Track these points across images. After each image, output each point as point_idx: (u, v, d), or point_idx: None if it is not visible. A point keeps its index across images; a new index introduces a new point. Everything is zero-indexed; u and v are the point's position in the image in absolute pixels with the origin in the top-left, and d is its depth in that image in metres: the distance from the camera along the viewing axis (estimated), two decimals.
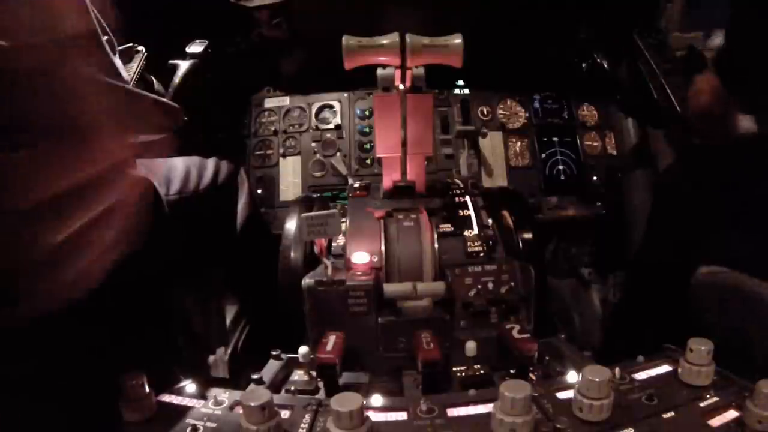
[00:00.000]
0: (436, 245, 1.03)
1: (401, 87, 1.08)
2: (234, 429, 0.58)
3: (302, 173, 1.81)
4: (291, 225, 1.13)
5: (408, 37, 1.00)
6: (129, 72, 1.09)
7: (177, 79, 1.34)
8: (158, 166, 1.04)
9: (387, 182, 1.19)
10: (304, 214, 0.95)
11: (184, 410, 0.65)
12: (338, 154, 1.81)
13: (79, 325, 0.72)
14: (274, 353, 0.99)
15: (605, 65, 1.67)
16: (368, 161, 1.81)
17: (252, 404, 0.55)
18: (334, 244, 1.07)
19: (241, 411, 0.57)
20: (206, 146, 1.57)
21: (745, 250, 0.96)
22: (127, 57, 1.11)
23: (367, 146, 1.82)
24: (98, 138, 0.55)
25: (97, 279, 0.58)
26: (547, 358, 0.94)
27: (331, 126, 1.84)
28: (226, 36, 1.62)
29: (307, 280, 0.95)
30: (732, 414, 0.60)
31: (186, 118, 1.11)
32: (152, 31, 1.20)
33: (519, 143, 1.88)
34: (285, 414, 0.62)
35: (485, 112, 1.88)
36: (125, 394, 0.62)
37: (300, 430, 0.60)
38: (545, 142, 1.89)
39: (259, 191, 1.78)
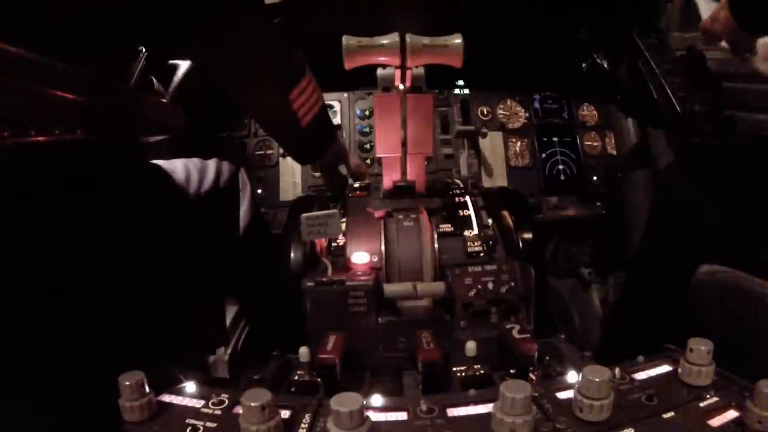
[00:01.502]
0: (436, 245, 1.03)
1: (401, 87, 1.08)
2: (234, 429, 0.58)
3: (302, 173, 1.81)
4: (291, 225, 1.13)
5: (408, 37, 1.00)
6: (129, 72, 1.09)
7: (177, 79, 1.34)
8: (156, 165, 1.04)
9: (387, 182, 1.19)
10: (304, 214, 0.95)
11: (184, 410, 0.64)
12: None
13: (78, 324, 0.72)
14: (274, 353, 0.99)
15: (605, 65, 1.67)
16: (368, 161, 1.81)
17: (252, 404, 0.55)
18: (334, 244, 1.07)
19: (241, 411, 0.57)
20: (207, 147, 1.57)
21: (746, 249, 0.96)
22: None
23: (367, 146, 1.82)
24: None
25: None
26: (547, 358, 0.94)
27: None
28: None
29: (307, 280, 0.95)
30: (732, 414, 0.60)
31: (186, 119, 1.11)
32: (152, 31, 1.20)
33: (519, 143, 1.88)
34: (285, 414, 0.62)
35: (485, 112, 1.88)
36: (125, 394, 0.62)
37: (300, 430, 0.60)
38: (545, 142, 1.89)
39: (259, 191, 1.78)
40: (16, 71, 0.61)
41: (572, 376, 0.71)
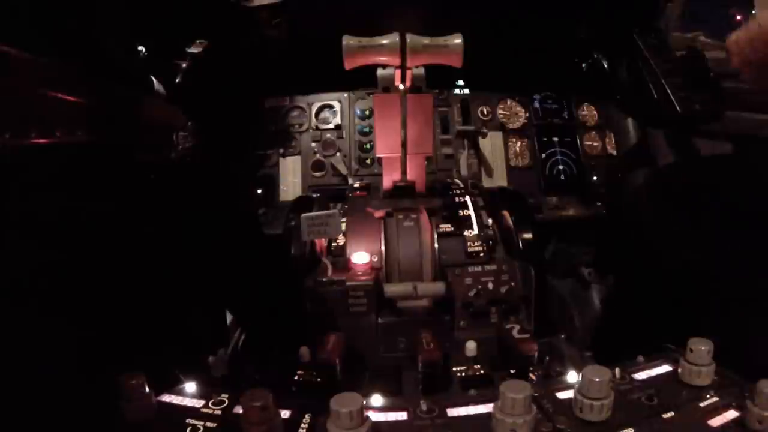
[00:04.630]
0: (436, 245, 1.03)
1: (401, 87, 1.08)
2: (234, 429, 0.58)
3: (302, 173, 1.81)
4: (291, 225, 1.13)
5: (408, 37, 1.00)
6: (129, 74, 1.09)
7: (177, 79, 1.34)
8: None
9: (387, 182, 1.19)
10: (304, 214, 0.95)
11: (184, 410, 0.65)
12: (338, 154, 1.80)
13: (79, 325, 0.72)
14: (274, 353, 0.99)
15: (605, 65, 1.67)
16: (368, 161, 1.81)
17: (252, 404, 0.55)
18: (334, 244, 1.07)
19: (241, 411, 0.57)
20: (207, 148, 1.56)
21: (746, 248, 0.96)
22: None
23: (367, 146, 1.82)
24: None
25: None
26: (547, 358, 0.94)
27: (331, 126, 1.83)
28: (227, 36, 1.62)
29: (307, 280, 0.95)
30: (732, 414, 0.60)
31: (187, 119, 1.11)
32: (152, 31, 1.20)
33: (519, 143, 1.88)
34: (285, 414, 0.62)
35: (485, 112, 1.88)
36: (125, 394, 0.62)
37: (300, 430, 0.60)
38: (545, 142, 1.89)
39: (259, 191, 1.78)
40: (18, 73, 0.61)
41: (572, 376, 0.71)
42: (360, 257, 1.00)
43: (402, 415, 0.63)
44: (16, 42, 0.60)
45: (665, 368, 0.72)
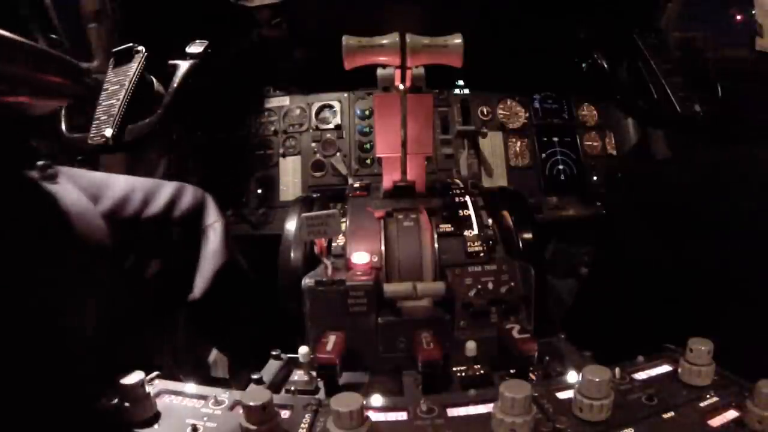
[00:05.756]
0: (436, 245, 1.03)
1: (401, 87, 1.07)
2: (234, 429, 0.58)
3: (302, 173, 1.81)
4: (291, 225, 1.13)
5: (408, 37, 1.00)
6: (129, 72, 1.09)
7: (177, 79, 1.34)
8: (85, 178, 0.92)
9: (387, 182, 1.19)
10: (304, 214, 0.95)
11: (184, 410, 0.65)
12: (338, 154, 1.81)
13: (79, 325, 0.72)
14: (274, 353, 0.99)
15: (605, 65, 1.66)
16: (368, 161, 1.81)
17: (252, 404, 0.55)
18: (334, 244, 1.07)
19: (241, 411, 0.57)
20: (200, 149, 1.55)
21: (746, 248, 0.96)
22: (127, 57, 1.11)
23: (367, 146, 1.82)
24: None
25: None
26: (547, 358, 0.94)
27: (331, 126, 1.84)
28: (227, 36, 1.62)
29: (307, 280, 0.95)
30: (732, 414, 0.61)
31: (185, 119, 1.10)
32: (152, 31, 1.20)
33: (519, 143, 1.88)
34: (285, 414, 0.63)
35: (485, 112, 1.88)
36: (125, 394, 0.62)
37: (300, 430, 0.61)
38: (545, 142, 1.89)
39: (259, 191, 1.78)
40: None
41: (572, 376, 0.72)
42: (360, 257, 1.00)
43: (402, 415, 0.63)
44: None
45: (665, 368, 0.72)
